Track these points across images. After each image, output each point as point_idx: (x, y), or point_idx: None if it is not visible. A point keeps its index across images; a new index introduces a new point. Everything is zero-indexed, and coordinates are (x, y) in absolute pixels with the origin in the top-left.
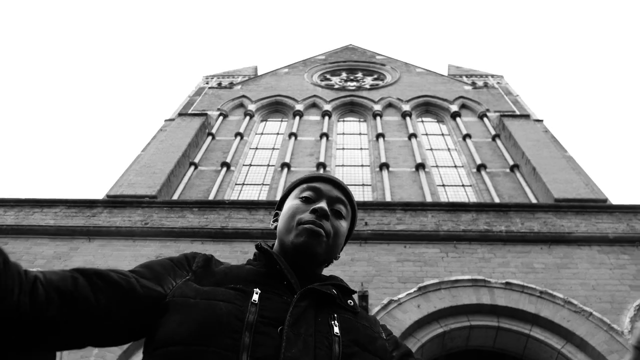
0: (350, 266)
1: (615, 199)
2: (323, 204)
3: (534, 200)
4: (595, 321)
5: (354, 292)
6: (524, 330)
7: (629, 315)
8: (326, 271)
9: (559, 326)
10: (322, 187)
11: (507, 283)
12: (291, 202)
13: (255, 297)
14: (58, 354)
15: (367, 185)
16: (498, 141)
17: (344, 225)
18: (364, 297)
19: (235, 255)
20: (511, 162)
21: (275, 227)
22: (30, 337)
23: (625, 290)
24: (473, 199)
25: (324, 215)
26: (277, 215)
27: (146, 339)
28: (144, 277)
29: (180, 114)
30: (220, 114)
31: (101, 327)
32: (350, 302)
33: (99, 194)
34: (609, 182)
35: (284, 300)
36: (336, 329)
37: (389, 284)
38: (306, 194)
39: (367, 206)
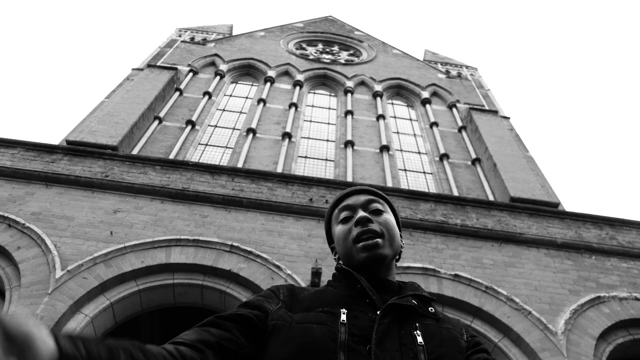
0: (306, 241)
1: (567, 203)
2: (361, 213)
3: (490, 195)
4: (533, 320)
5: (434, 299)
6: (465, 321)
7: (565, 317)
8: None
9: (499, 321)
10: (351, 202)
11: (456, 275)
12: (337, 229)
13: (343, 317)
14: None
15: (330, 160)
16: (464, 133)
17: (388, 216)
18: (317, 273)
19: (194, 218)
20: (474, 156)
21: (338, 258)
22: None
23: (565, 294)
24: (432, 187)
25: (367, 220)
26: (333, 249)
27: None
28: (250, 314)
29: (149, 65)
30: (191, 70)
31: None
32: (432, 309)
33: (56, 138)
34: (562, 185)
35: (369, 317)
36: (419, 339)
37: None
38: (343, 215)
39: (329, 184)
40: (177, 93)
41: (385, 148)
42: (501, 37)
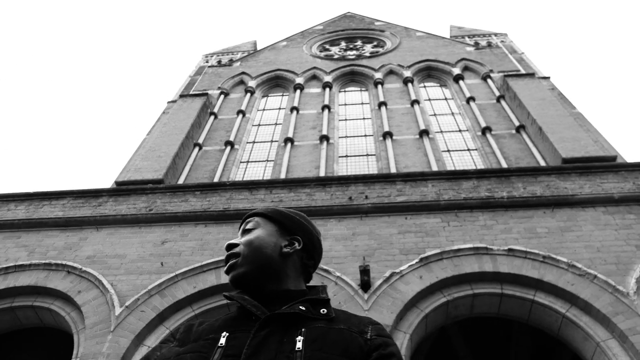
0: (351, 241)
1: (627, 155)
2: (227, 242)
3: (541, 161)
4: (599, 283)
5: (328, 299)
6: (527, 295)
7: (635, 276)
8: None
9: (563, 290)
10: (241, 226)
11: (510, 250)
12: None
13: (222, 340)
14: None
15: (371, 155)
16: (503, 102)
17: (255, 232)
18: (365, 271)
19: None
20: (517, 123)
21: None
22: None
23: (631, 251)
24: (479, 163)
25: (227, 248)
26: None
27: None
28: None
29: (181, 95)
30: (221, 93)
31: None
32: (323, 311)
33: (109, 182)
34: (620, 138)
35: (249, 334)
36: (299, 344)
37: (391, 256)
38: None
39: (366, 179)
40: (212, 117)
41: (424, 132)
42: None
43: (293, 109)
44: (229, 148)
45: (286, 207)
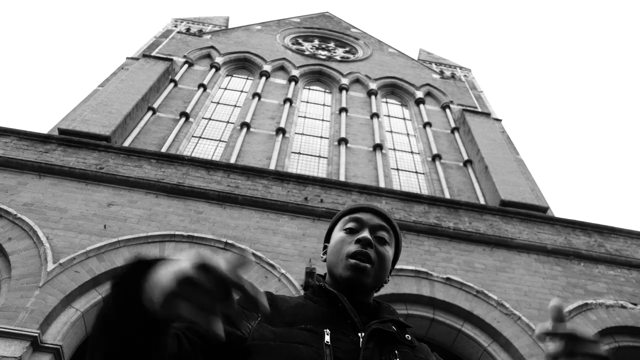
0: (301, 241)
1: (555, 208)
2: (366, 234)
3: (481, 197)
4: (522, 325)
5: (409, 326)
6: (456, 325)
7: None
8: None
9: (489, 325)
10: (363, 217)
11: (448, 278)
12: (337, 235)
13: (327, 338)
14: None
15: (323, 157)
16: (456, 134)
17: (388, 250)
18: (310, 273)
19: (189, 214)
20: (465, 157)
21: (325, 259)
22: None
23: None
24: (424, 187)
25: (368, 244)
26: (325, 247)
27: None
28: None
29: (144, 55)
30: (186, 62)
31: None
32: (408, 337)
33: (48, 126)
34: (551, 190)
35: (352, 340)
36: None
37: None
38: (350, 225)
39: (324, 183)
40: (172, 84)
41: (378, 147)
42: (494, 39)
43: (255, 94)
44: (183, 119)
45: (241, 195)
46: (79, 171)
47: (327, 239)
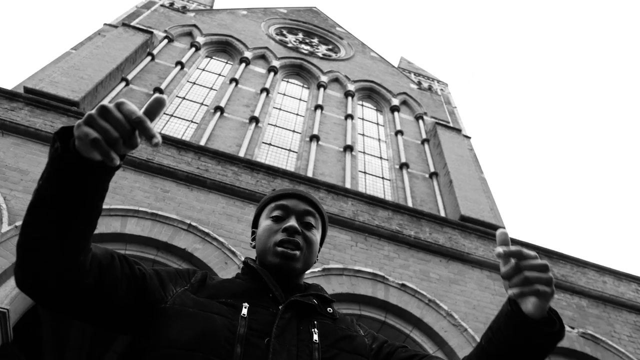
0: None
1: (509, 229)
2: (292, 222)
3: (442, 210)
4: (467, 337)
5: (333, 300)
6: (405, 329)
7: None
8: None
9: (436, 334)
10: (289, 204)
11: (403, 285)
12: (264, 223)
13: (245, 311)
14: None
15: (293, 151)
16: (426, 146)
17: (316, 234)
18: None
19: (155, 192)
20: (432, 169)
21: (254, 246)
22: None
23: None
24: (389, 193)
25: (295, 231)
26: (254, 233)
27: (139, 337)
28: (153, 279)
29: (124, 24)
30: (166, 37)
31: (114, 305)
32: (330, 310)
33: (12, 83)
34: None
35: (270, 312)
36: (315, 337)
37: None
38: (276, 213)
39: (294, 177)
40: (149, 58)
41: (349, 148)
42: (473, 58)
43: (233, 80)
44: (156, 94)
45: (209, 179)
46: (45, 134)
47: (255, 224)
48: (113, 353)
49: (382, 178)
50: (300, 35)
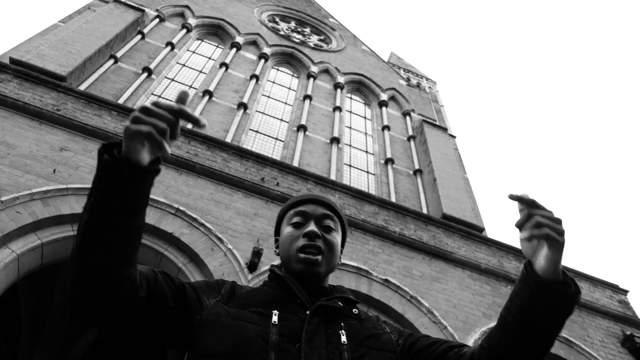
0: (252, 220)
1: (489, 229)
2: (312, 226)
3: (424, 207)
4: (447, 334)
5: (357, 301)
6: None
7: (474, 337)
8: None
9: (417, 330)
10: (307, 209)
11: (386, 280)
12: (285, 230)
13: (275, 318)
14: None
15: (280, 140)
16: (412, 142)
17: (336, 236)
18: (257, 253)
19: None
20: (417, 166)
21: (278, 253)
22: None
23: (478, 316)
24: (372, 188)
25: (315, 235)
26: (277, 241)
27: (189, 347)
28: (190, 292)
29: (115, 0)
30: (158, 16)
31: (166, 317)
32: (355, 311)
33: None
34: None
35: (299, 317)
36: (343, 338)
37: None
38: (295, 219)
39: (282, 167)
40: (139, 36)
41: (335, 140)
42: (462, 57)
43: (223, 64)
44: (145, 74)
45: (199, 164)
46: (34, 109)
47: (277, 232)
48: (92, 332)
49: (367, 172)
50: (293, 24)
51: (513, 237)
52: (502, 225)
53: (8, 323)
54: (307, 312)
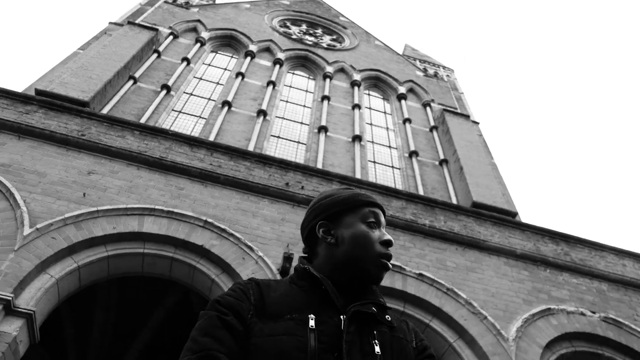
0: (280, 225)
1: (522, 214)
2: (390, 237)
3: (453, 197)
4: (487, 324)
5: (389, 308)
6: (425, 319)
7: (517, 325)
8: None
9: (456, 322)
10: (379, 214)
11: (420, 274)
12: (359, 226)
13: (312, 322)
14: None
15: (302, 143)
16: (435, 133)
17: None
18: (288, 258)
19: (170, 189)
20: (442, 156)
21: (326, 240)
22: None
23: (519, 303)
24: (399, 182)
25: (390, 244)
26: (323, 225)
27: None
28: (236, 325)
29: (129, 22)
30: (171, 33)
31: None
32: (388, 318)
33: (22, 85)
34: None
35: (334, 322)
36: (377, 348)
37: None
38: (371, 219)
39: (306, 170)
40: (155, 55)
41: (357, 138)
42: (478, 42)
43: (239, 74)
44: (164, 92)
45: (223, 175)
46: (60, 136)
47: (331, 219)
48: (135, 350)
49: (392, 167)
50: (304, 27)
51: (549, 219)
52: (537, 207)
53: (55, 345)
54: (341, 317)
